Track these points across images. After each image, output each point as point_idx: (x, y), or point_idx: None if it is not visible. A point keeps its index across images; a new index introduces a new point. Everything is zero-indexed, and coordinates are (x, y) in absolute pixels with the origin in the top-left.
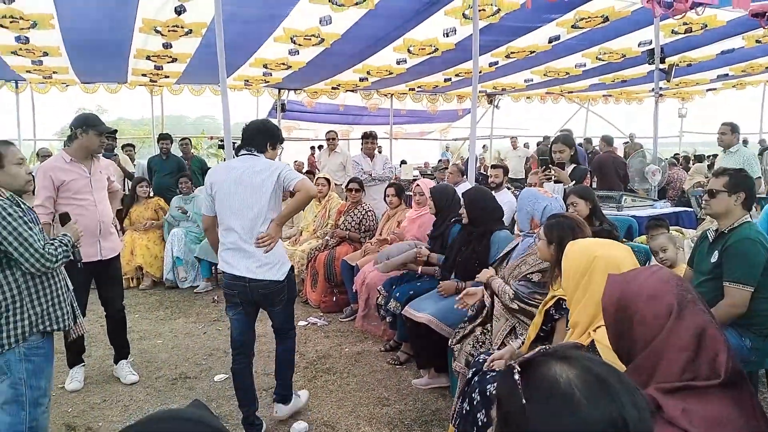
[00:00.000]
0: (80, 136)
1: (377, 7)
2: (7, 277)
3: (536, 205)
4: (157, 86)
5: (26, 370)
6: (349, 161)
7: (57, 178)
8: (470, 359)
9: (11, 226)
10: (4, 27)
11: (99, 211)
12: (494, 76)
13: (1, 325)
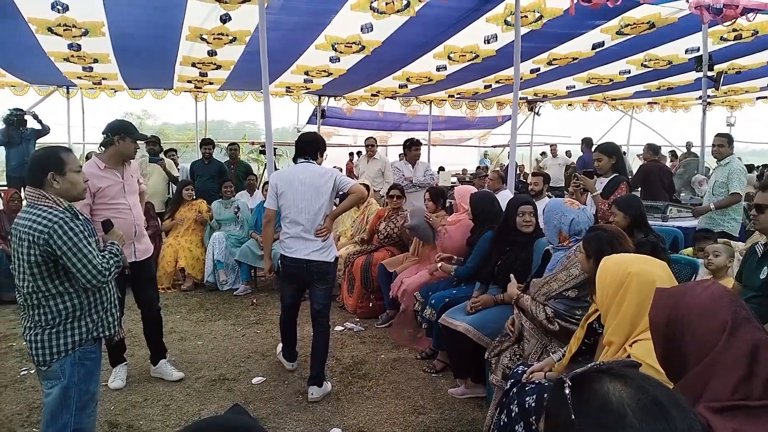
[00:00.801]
0: (118, 142)
1: (418, 15)
2: (68, 288)
3: (563, 218)
4: (202, 92)
5: (78, 375)
6: (387, 168)
7: (93, 185)
8: (507, 372)
9: (72, 242)
10: (58, 35)
11: (134, 215)
12: (535, 83)
13: (60, 332)
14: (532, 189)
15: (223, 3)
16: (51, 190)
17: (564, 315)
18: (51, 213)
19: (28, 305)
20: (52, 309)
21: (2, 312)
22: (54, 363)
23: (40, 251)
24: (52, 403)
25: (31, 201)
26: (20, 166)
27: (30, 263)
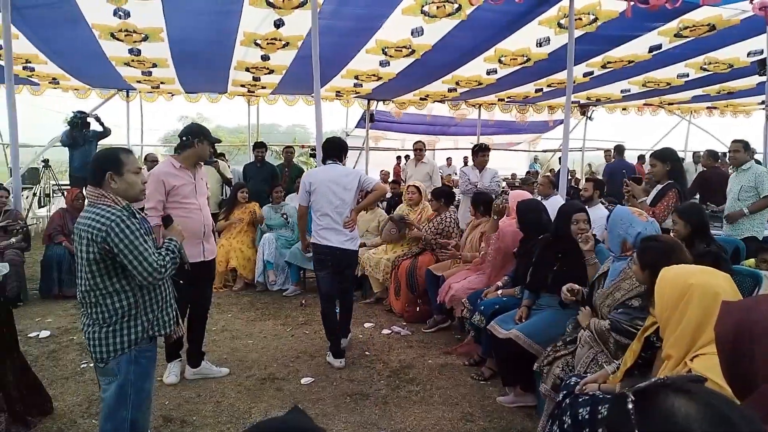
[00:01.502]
0: (196, 144)
1: (469, 18)
2: (124, 286)
3: (630, 229)
4: (254, 96)
5: (134, 373)
6: (435, 171)
7: (168, 183)
8: (558, 382)
9: (128, 239)
10: (119, 40)
11: (203, 215)
12: (588, 87)
13: (116, 330)
14: (582, 195)
15: (277, 9)
16: (109, 190)
17: (624, 326)
18: (109, 211)
19: (87, 303)
20: (109, 307)
21: (64, 306)
22: (111, 360)
23: (98, 248)
24: (110, 400)
25: (92, 200)
26: (83, 167)
27: (89, 261)
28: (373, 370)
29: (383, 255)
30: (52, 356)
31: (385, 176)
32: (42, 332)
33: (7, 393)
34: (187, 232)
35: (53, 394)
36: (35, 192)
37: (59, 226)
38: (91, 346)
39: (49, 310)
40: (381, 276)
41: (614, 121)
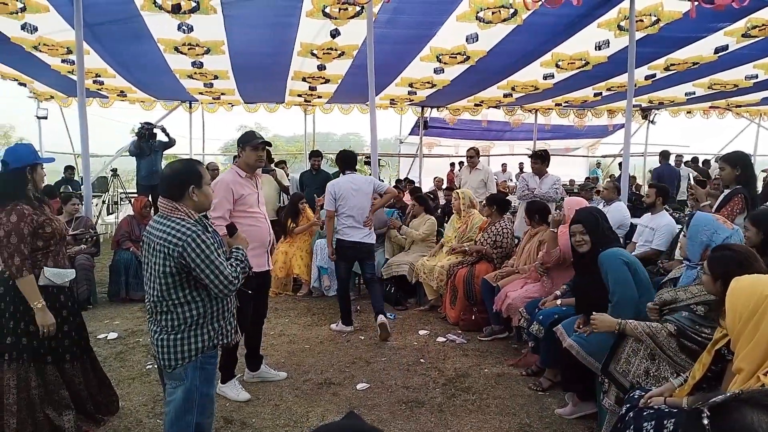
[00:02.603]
0: (241, 153)
1: (525, 23)
2: (195, 297)
3: (714, 236)
4: (310, 106)
5: (199, 378)
6: (490, 178)
7: (237, 192)
8: (620, 396)
9: (204, 254)
10: (183, 53)
11: (268, 224)
12: (650, 90)
13: (184, 339)
14: (644, 201)
15: (334, 19)
16: (188, 203)
17: (688, 331)
18: (184, 226)
19: (157, 311)
20: (179, 316)
21: (131, 309)
22: (178, 367)
23: (175, 263)
24: (176, 404)
25: (165, 212)
26: (149, 176)
27: (164, 273)
28: (429, 378)
29: (437, 262)
30: (119, 357)
31: (439, 183)
32: (110, 334)
33: (77, 392)
34: (255, 241)
35: (120, 394)
36: (104, 200)
37: (127, 233)
38: (159, 353)
39: (116, 313)
40: (435, 283)
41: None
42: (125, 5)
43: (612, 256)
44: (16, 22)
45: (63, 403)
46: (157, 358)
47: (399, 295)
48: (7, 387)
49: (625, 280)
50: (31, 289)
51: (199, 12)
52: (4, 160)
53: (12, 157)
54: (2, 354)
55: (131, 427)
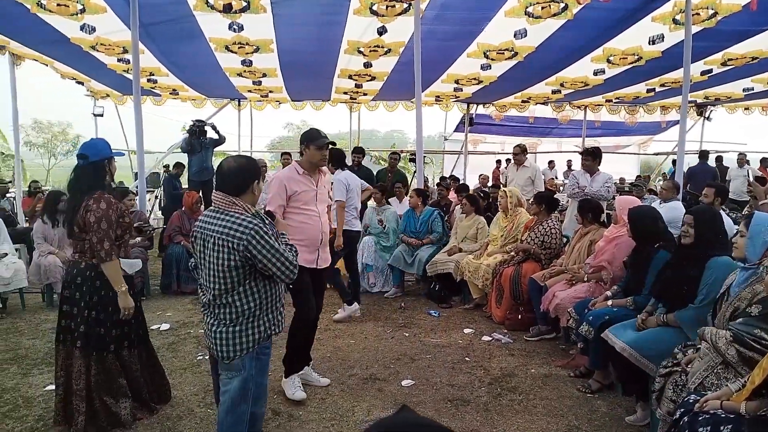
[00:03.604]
0: (305, 151)
1: (576, 18)
2: (253, 288)
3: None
4: (356, 103)
5: (255, 368)
6: (538, 176)
7: (290, 188)
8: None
9: (268, 245)
10: (233, 52)
11: (321, 223)
12: (707, 85)
13: (242, 330)
14: (701, 201)
15: (381, 16)
16: (247, 198)
17: (745, 338)
18: (245, 219)
19: (216, 304)
20: (238, 308)
21: (182, 302)
22: (236, 358)
23: (240, 256)
24: (233, 393)
25: (221, 207)
26: (200, 172)
27: (229, 267)
28: (474, 377)
29: (483, 261)
30: (171, 348)
31: (484, 180)
32: (162, 325)
33: (134, 380)
34: (304, 237)
35: (172, 384)
36: (156, 195)
37: (178, 227)
38: (217, 345)
39: (168, 305)
40: (480, 282)
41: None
42: (179, 5)
43: (726, 266)
44: (75, 23)
45: (121, 391)
46: (215, 349)
47: (444, 293)
48: (77, 373)
49: (718, 289)
50: (116, 273)
51: (250, 11)
52: (84, 153)
53: (92, 151)
54: (75, 341)
55: (183, 416)
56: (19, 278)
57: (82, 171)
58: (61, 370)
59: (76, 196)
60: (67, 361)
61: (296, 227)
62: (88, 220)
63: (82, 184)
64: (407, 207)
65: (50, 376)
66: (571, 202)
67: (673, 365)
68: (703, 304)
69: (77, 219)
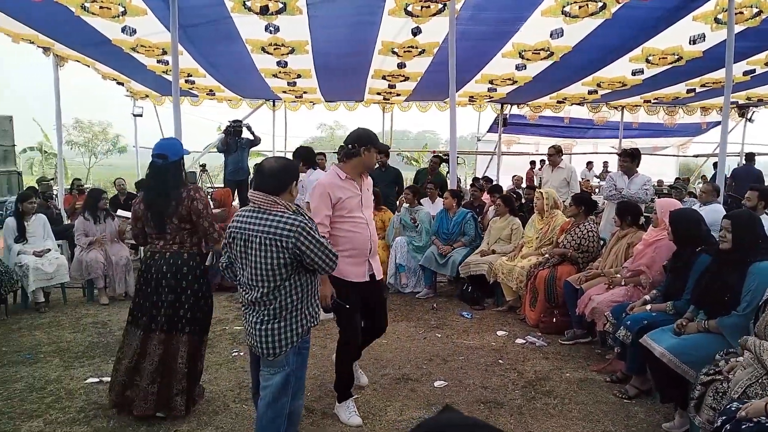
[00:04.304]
0: (363, 153)
1: (615, 17)
2: (297, 284)
3: None
4: (389, 104)
5: (297, 363)
6: (573, 177)
7: (334, 196)
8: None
9: (314, 239)
10: (269, 53)
11: (370, 230)
12: (749, 86)
13: (287, 325)
14: (744, 204)
15: (415, 17)
16: (286, 197)
17: None
18: (290, 218)
19: (262, 301)
20: (282, 304)
21: (218, 298)
22: (281, 354)
23: (289, 254)
24: (274, 388)
25: (263, 206)
26: (235, 171)
27: (277, 266)
28: (507, 380)
29: (517, 263)
30: (208, 344)
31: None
32: None
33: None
34: (353, 248)
35: (209, 379)
36: None
37: None
38: (262, 343)
39: None
40: (514, 284)
41: None
42: (217, 7)
43: None
44: (117, 25)
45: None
46: (259, 347)
47: (476, 295)
48: (152, 351)
49: (761, 296)
50: None
51: (286, 13)
52: (163, 153)
53: (171, 151)
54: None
55: (219, 411)
56: (61, 273)
57: (166, 170)
58: (139, 356)
59: (166, 192)
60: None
61: (343, 237)
62: (196, 208)
63: (169, 182)
64: (440, 207)
65: (91, 368)
66: (607, 205)
67: (714, 372)
68: (746, 312)
69: (180, 211)
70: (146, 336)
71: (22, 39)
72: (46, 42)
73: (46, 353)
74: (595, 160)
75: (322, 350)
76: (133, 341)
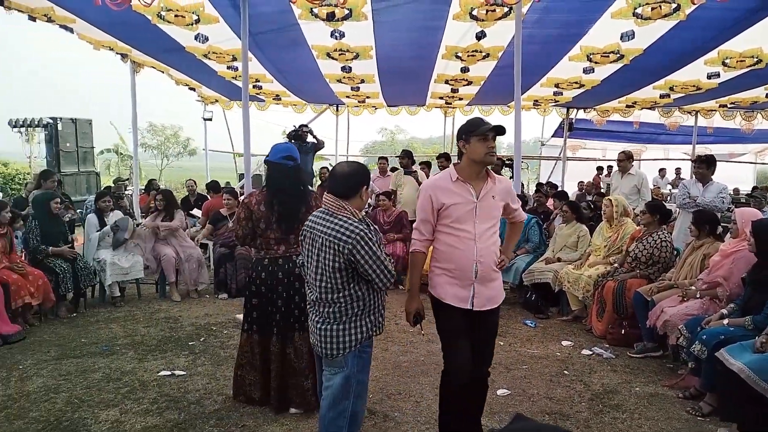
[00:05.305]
0: (464, 148)
1: (689, 18)
2: (359, 289)
3: None
4: (451, 108)
5: (357, 366)
6: (645, 185)
7: (437, 200)
8: None
9: (372, 251)
10: (334, 59)
11: (477, 249)
12: None
13: (347, 329)
14: None
15: (480, 21)
16: (355, 202)
17: None
18: (353, 224)
19: (323, 302)
20: (342, 307)
21: None
22: (340, 356)
23: (344, 259)
24: (335, 389)
25: (331, 209)
26: None
27: (334, 268)
28: (573, 391)
29: (584, 271)
30: None
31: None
32: None
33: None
34: (453, 267)
35: None
36: None
37: None
38: (322, 342)
39: None
40: (581, 293)
41: None
42: (286, 14)
43: None
44: (190, 33)
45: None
46: (319, 346)
47: (541, 303)
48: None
49: None
50: None
51: (351, 19)
52: (293, 156)
53: (295, 155)
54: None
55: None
56: (136, 269)
57: (297, 171)
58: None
59: (302, 194)
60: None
61: (442, 251)
62: None
63: (300, 184)
64: None
65: (163, 362)
66: (681, 213)
67: None
68: None
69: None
70: (267, 339)
71: (102, 46)
72: (124, 48)
73: (121, 345)
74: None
75: (383, 353)
76: (253, 346)
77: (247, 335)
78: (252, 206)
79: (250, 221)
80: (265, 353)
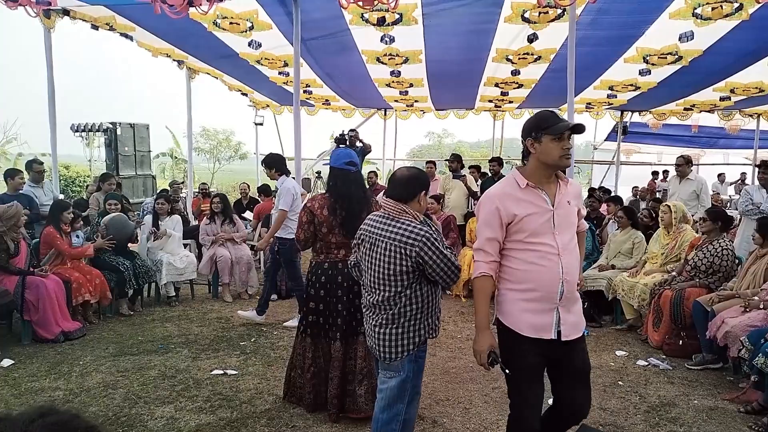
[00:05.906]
0: (533, 147)
1: (752, 18)
2: (415, 291)
3: None
4: (500, 111)
5: (413, 370)
6: (704, 190)
7: (507, 212)
8: None
9: (438, 251)
10: (383, 63)
11: (563, 265)
12: None
13: (404, 332)
14: None
15: (532, 23)
16: (414, 206)
17: None
18: (416, 227)
19: (381, 305)
20: (401, 310)
21: None
22: (397, 359)
23: (412, 262)
24: (391, 392)
25: (392, 213)
26: None
27: (399, 272)
28: (629, 402)
29: (639, 279)
30: None
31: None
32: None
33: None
34: (533, 288)
35: None
36: None
37: None
38: (379, 346)
39: None
40: (636, 302)
41: None
42: (337, 20)
43: None
44: (244, 40)
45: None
46: (376, 350)
47: (593, 312)
48: (335, 357)
49: None
50: None
51: (402, 23)
52: (355, 162)
53: (356, 160)
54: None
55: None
56: (190, 270)
57: (360, 177)
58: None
59: (366, 199)
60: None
61: (520, 271)
62: None
63: (362, 189)
64: None
65: (216, 361)
66: (743, 221)
67: None
68: None
69: None
70: (325, 343)
71: (160, 53)
72: (180, 55)
73: (176, 344)
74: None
75: (431, 358)
76: (306, 349)
77: (302, 338)
78: (315, 210)
79: (312, 225)
80: (320, 358)
